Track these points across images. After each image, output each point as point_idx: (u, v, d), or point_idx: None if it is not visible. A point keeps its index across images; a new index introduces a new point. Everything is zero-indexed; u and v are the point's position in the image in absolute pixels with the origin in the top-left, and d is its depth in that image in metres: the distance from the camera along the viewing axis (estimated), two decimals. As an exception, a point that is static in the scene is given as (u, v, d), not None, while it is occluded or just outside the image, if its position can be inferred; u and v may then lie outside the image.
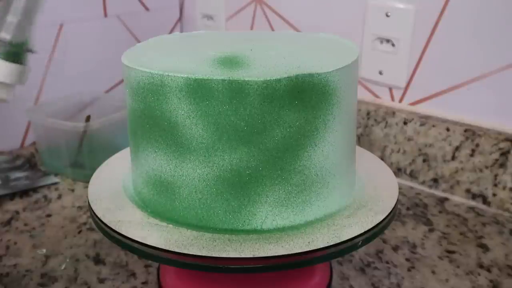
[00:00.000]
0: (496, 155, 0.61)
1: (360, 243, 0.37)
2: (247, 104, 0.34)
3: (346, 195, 0.41)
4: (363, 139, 0.71)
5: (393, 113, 0.68)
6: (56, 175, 0.69)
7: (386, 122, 0.69)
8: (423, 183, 0.67)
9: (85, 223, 0.58)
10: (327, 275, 0.45)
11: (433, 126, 0.65)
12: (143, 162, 0.39)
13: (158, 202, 0.39)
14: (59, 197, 0.64)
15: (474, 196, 0.63)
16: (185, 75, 0.35)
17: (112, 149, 0.51)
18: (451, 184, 0.65)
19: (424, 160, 0.66)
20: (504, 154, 0.60)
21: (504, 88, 0.61)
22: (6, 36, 0.34)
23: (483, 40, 0.61)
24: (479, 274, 0.50)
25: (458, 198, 0.64)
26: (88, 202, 0.41)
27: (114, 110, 0.70)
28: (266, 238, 0.36)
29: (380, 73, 0.70)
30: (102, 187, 0.43)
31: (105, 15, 0.82)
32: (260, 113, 0.35)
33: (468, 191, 0.64)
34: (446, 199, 0.64)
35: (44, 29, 0.72)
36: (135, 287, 0.48)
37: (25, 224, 0.58)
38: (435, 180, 0.66)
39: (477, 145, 0.62)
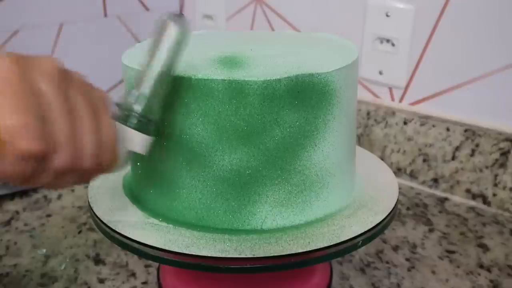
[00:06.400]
0: (496, 155, 0.61)
1: (360, 243, 0.37)
2: (247, 104, 0.34)
3: (346, 195, 0.41)
4: (363, 139, 0.71)
5: (393, 113, 0.68)
6: (56, 175, 0.69)
7: (386, 122, 0.69)
8: (423, 183, 0.67)
9: (85, 223, 0.58)
10: (327, 275, 0.45)
11: (433, 126, 0.65)
12: (143, 162, 0.39)
13: (158, 202, 0.39)
14: (59, 197, 0.64)
15: (474, 196, 0.63)
16: (185, 75, 0.35)
17: (112, 149, 0.51)
18: (451, 184, 0.65)
19: (424, 160, 0.66)
20: (504, 154, 0.60)
21: (504, 88, 0.61)
22: (138, 108, 0.33)
23: (483, 40, 0.61)
24: (479, 274, 0.50)
25: (458, 198, 0.64)
26: (88, 202, 0.41)
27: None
28: (266, 238, 0.36)
29: (380, 73, 0.70)
30: (102, 187, 0.43)
31: (105, 15, 0.82)
32: (260, 113, 0.35)
33: (468, 191, 0.64)
34: (446, 199, 0.64)
35: (44, 29, 0.72)
36: (135, 287, 0.48)
37: (25, 224, 0.58)
38: (435, 180, 0.66)
39: (477, 145, 0.62)
